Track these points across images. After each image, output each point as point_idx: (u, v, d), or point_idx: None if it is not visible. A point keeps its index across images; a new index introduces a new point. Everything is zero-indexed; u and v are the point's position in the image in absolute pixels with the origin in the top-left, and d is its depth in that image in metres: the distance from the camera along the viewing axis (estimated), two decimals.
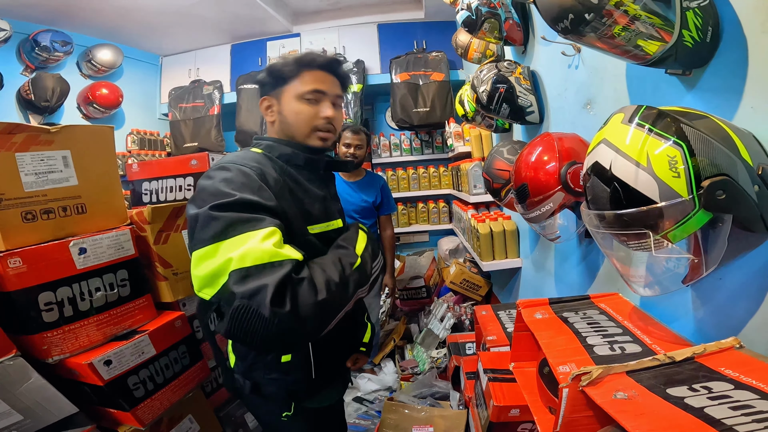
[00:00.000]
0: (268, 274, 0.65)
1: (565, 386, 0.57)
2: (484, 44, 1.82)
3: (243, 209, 0.71)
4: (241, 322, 0.65)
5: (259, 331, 0.65)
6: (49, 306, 0.94)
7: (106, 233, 1.05)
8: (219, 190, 0.73)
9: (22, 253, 0.90)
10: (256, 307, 0.63)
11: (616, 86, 0.94)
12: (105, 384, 0.97)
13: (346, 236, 0.90)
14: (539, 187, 1.00)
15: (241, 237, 0.68)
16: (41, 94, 2.53)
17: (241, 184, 0.74)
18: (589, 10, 0.62)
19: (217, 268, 0.66)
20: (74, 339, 0.98)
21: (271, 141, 0.93)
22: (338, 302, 0.73)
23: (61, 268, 0.96)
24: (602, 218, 0.65)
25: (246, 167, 0.78)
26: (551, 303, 0.95)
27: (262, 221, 0.71)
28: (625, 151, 0.61)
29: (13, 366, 0.86)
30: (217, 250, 0.67)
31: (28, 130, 0.92)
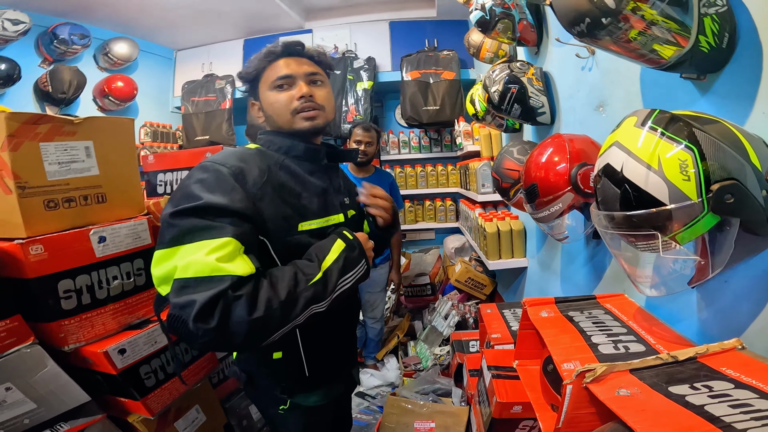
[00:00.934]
0: (202, 289, 0.66)
1: (569, 383, 0.58)
2: (496, 44, 1.83)
3: (205, 215, 0.71)
4: (173, 329, 0.69)
5: (187, 339, 0.69)
6: (67, 294, 0.96)
7: (125, 222, 1.07)
8: (190, 193, 0.74)
9: (44, 241, 0.91)
10: (185, 318, 0.65)
11: (629, 89, 0.95)
12: (118, 373, 0.99)
13: (320, 244, 0.85)
14: (549, 188, 1.01)
15: (196, 245, 0.69)
16: (58, 86, 2.58)
17: (214, 186, 0.75)
18: (606, 14, 0.63)
19: (166, 272, 0.70)
20: (90, 327, 1.00)
21: (270, 135, 0.93)
22: (278, 320, 0.71)
23: (81, 256, 0.98)
24: (612, 219, 0.66)
25: (225, 167, 0.78)
26: (557, 302, 0.96)
27: (221, 230, 0.71)
28: (636, 153, 0.62)
29: (30, 354, 0.87)
30: (173, 254, 0.70)
31: (52, 121, 0.94)
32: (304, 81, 0.90)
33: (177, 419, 1.16)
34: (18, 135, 0.89)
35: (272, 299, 0.70)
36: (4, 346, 0.84)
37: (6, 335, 0.84)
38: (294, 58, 0.92)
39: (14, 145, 0.89)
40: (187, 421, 1.18)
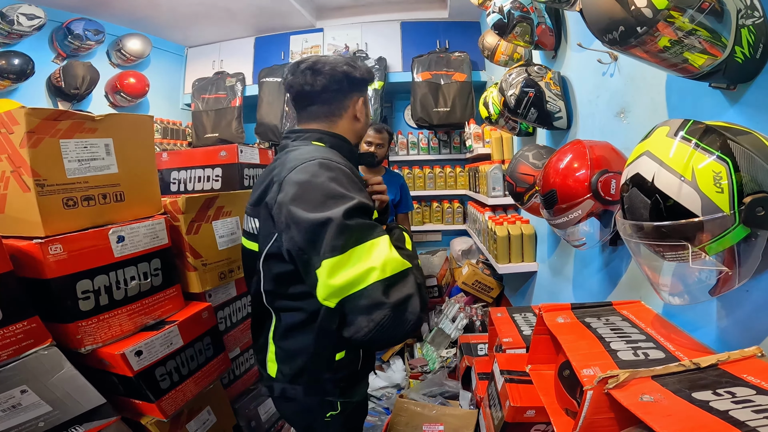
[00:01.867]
0: (407, 282, 0.73)
1: (590, 388, 0.59)
2: (511, 47, 1.82)
3: (364, 214, 0.74)
4: (387, 329, 0.71)
5: (399, 334, 0.73)
6: (86, 294, 0.94)
7: (143, 222, 1.06)
8: (336, 191, 0.74)
9: (63, 240, 0.90)
10: (404, 315, 0.71)
11: (654, 96, 0.94)
12: (134, 375, 0.98)
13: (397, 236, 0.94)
14: (568, 194, 1.00)
15: (369, 245, 0.71)
16: (71, 81, 2.58)
17: (348, 185, 0.77)
18: (642, 23, 0.62)
19: (356, 276, 0.70)
20: (107, 328, 0.99)
21: (339, 139, 0.97)
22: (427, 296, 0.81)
23: (99, 256, 0.97)
24: (640, 228, 0.66)
25: (343, 166, 0.81)
26: (573, 308, 0.96)
27: (377, 227, 0.75)
28: (669, 164, 0.62)
29: (47, 356, 0.86)
30: (351, 257, 0.70)
31: (73, 118, 0.93)
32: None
33: (189, 421, 1.15)
34: (38, 131, 0.88)
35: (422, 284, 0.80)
36: (22, 347, 0.83)
37: (23, 337, 0.83)
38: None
39: (34, 141, 0.88)
40: (198, 423, 1.17)
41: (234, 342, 1.36)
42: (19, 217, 0.92)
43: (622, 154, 1.03)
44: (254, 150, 1.50)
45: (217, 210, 1.24)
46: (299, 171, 0.79)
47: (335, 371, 0.93)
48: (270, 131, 3.18)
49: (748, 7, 0.64)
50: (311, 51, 3.38)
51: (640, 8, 0.61)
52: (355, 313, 0.71)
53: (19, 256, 0.88)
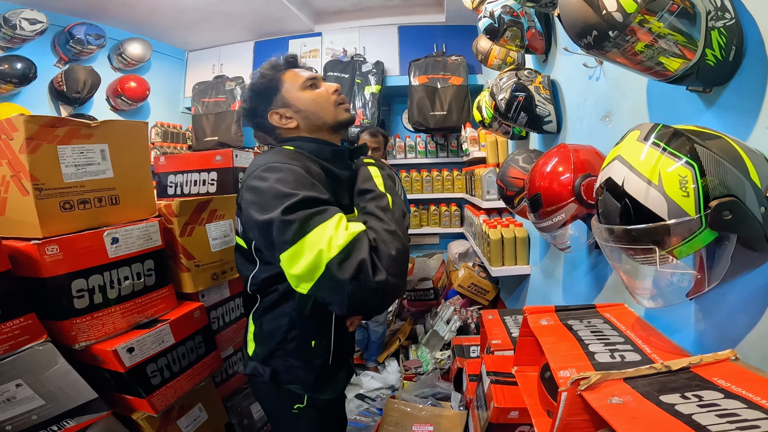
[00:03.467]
0: (358, 249, 0.72)
1: (565, 390, 0.60)
2: (504, 51, 1.84)
3: (309, 205, 0.76)
4: (358, 301, 0.73)
5: (375, 301, 0.75)
6: (80, 293, 0.98)
7: (137, 224, 1.09)
8: (280, 191, 0.77)
9: (59, 241, 0.94)
10: (366, 283, 0.71)
11: (636, 100, 0.96)
12: (126, 371, 1.01)
13: (363, 176, 0.93)
14: (552, 198, 1.02)
15: (319, 229, 0.74)
16: (73, 85, 2.62)
17: (295, 182, 0.79)
18: (614, 27, 0.63)
19: (311, 262, 0.72)
20: (101, 326, 1.02)
21: (298, 139, 0.98)
22: (403, 243, 0.80)
23: (94, 257, 1.00)
24: (612, 232, 0.67)
25: (293, 165, 0.83)
26: (557, 310, 0.97)
27: (327, 211, 0.77)
28: (637, 168, 0.63)
29: (42, 351, 0.89)
30: (303, 246, 0.73)
31: (70, 124, 0.96)
32: (324, 82, 1.01)
33: (180, 417, 1.17)
34: (36, 138, 0.92)
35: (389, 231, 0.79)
36: (18, 343, 0.86)
37: (20, 333, 0.86)
38: (297, 69, 1.03)
39: (32, 147, 0.92)
40: (189, 419, 1.20)
41: (227, 341, 1.39)
42: (18, 220, 0.95)
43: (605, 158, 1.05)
44: (249, 154, 1.52)
45: (211, 213, 1.27)
46: (253, 177, 0.83)
47: (305, 360, 0.96)
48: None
49: (719, 9, 0.65)
50: (310, 55, 3.42)
51: (611, 12, 0.63)
52: (325, 297, 0.76)
53: (18, 256, 0.91)
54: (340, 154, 1.00)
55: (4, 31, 2.37)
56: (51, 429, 0.91)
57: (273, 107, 0.99)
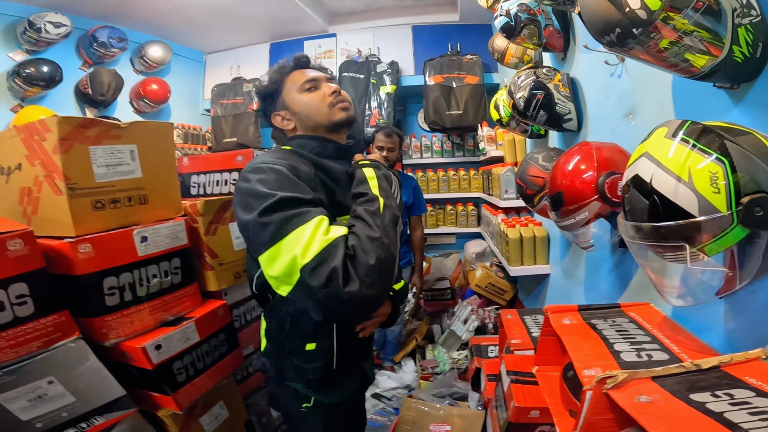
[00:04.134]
0: (332, 256, 0.70)
1: (590, 388, 0.60)
2: (521, 49, 1.83)
3: (287, 206, 0.75)
4: (330, 310, 0.72)
5: (346, 311, 0.72)
6: (111, 290, 1.00)
7: (164, 223, 1.11)
8: (259, 192, 0.77)
9: (92, 240, 0.96)
10: (335, 291, 0.69)
11: (661, 97, 0.95)
12: (153, 368, 1.02)
13: (357, 180, 0.90)
14: (575, 196, 1.01)
15: (296, 232, 0.72)
16: (98, 88, 2.68)
17: (276, 183, 0.78)
18: (637, 25, 0.63)
19: (287, 266, 0.71)
20: (130, 323, 1.04)
21: (301, 139, 0.99)
22: (389, 251, 0.76)
23: (124, 255, 1.02)
24: (639, 229, 0.66)
25: (277, 165, 0.82)
26: (580, 310, 0.96)
27: (308, 213, 0.74)
28: (666, 165, 0.62)
29: (74, 348, 0.91)
30: (280, 249, 0.72)
31: (101, 125, 0.99)
32: (326, 83, 1.01)
33: (202, 414, 1.18)
34: (69, 138, 0.95)
35: (372, 238, 0.75)
36: (51, 340, 0.88)
37: (53, 329, 0.89)
38: (306, 70, 1.03)
39: (65, 147, 0.94)
40: (211, 417, 1.21)
41: (248, 339, 1.41)
42: (51, 218, 0.98)
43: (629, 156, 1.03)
44: None
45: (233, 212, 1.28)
46: (240, 178, 0.85)
47: (307, 361, 0.96)
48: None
49: (744, 6, 0.64)
50: (325, 56, 3.44)
51: (635, 10, 0.63)
52: (301, 303, 0.75)
53: (51, 254, 0.94)
54: (343, 151, 1.00)
55: (30, 35, 2.41)
56: (80, 426, 0.92)
57: (276, 109, 1.03)
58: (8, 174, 1.07)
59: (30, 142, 0.98)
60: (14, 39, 2.48)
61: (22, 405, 0.83)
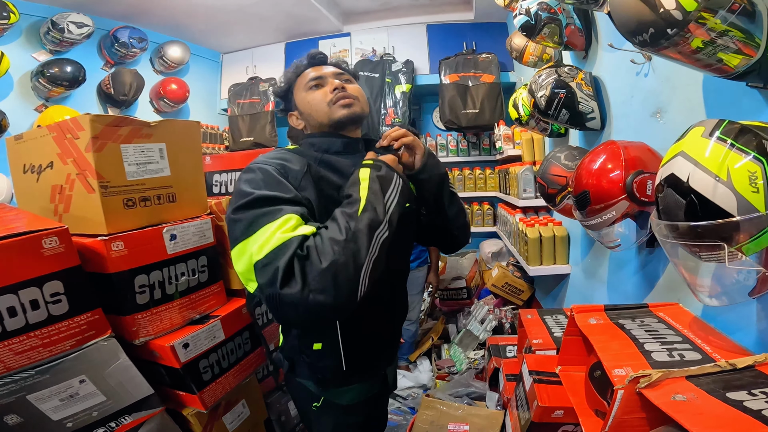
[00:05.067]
0: (279, 257, 0.67)
1: (621, 388, 0.61)
2: (540, 48, 1.81)
3: (261, 205, 0.75)
4: (275, 311, 0.70)
5: (290, 315, 0.69)
6: (142, 288, 1.00)
7: (192, 221, 1.12)
8: (241, 191, 0.78)
9: (124, 237, 0.97)
10: (276, 293, 0.66)
11: (690, 96, 0.93)
12: (181, 366, 1.02)
13: (350, 180, 0.85)
14: (602, 195, 1.00)
15: (262, 230, 0.71)
16: (120, 88, 2.73)
17: (261, 182, 0.78)
18: (672, 25, 0.63)
19: (247, 264, 0.71)
20: (159, 321, 1.04)
21: (310, 137, 1.00)
22: (352, 258, 0.70)
23: (155, 253, 1.03)
24: (675, 229, 0.66)
25: (267, 165, 0.82)
26: (606, 309, 0.96)
27: (279, 212, 0.73)
28: (704, 164, 0.62)
29: (106, 346, 0.91)
30: (246, 247, 0.72)
31: (132, 124, 1.00)
32: (332, 79, 1.00)
33: (225, 413, 1.19)
34: (101, 137, 0.95)
35: (335, 241, 0.70)
36: (85, 338, 0.88)
37: (87, 327, 0.89)
38: (319, 67, 1.03)
39: (98, 146, 0.95)
40: (233, 415, 1.21)
41: (270, 337, 1.41)
42: (83, 216, 0.99)
43: (658, 155, 1.02)
44: None
45: None
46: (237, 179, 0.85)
47: (316, 359, 0.96)
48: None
49: None
50: (339, 55, 3.46)
51: (669, 10, 0.62)
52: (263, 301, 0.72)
53: (84, 252, 0.94)
54: (353, 145, 0.98)
55: (53, 35, 2.46)
56: (109, 426, 0.93)
57: (291, 109, 1.05)
58: (39, 172, 1.07)
59: (62, 140, 0.99)
60: (38, 39, 2.53)
61: (53, 404, 0.84)
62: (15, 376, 0.79)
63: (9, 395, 0.78)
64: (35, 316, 0.82)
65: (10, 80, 2.43)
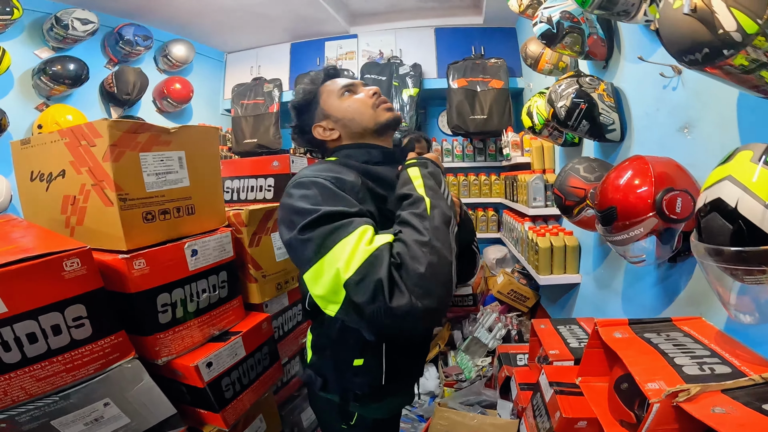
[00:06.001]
0: (375, 270, 0.63)
1: (657, 401, 0.64)
2: (556, 56, 1.80)
3: (329, 220, 0.70)
4: (381, 328, 0.65)
5: (399, 328, 0.65)
6: (164, 308, 0.96)
7: (212, 235, 1.07)
8: (301, 208, 0.73)
9: (146, 255, 0.91)
10: (382, 306, 0.62)
11: (723, 112, 0.92)
12: (205, 385, 0.98)
13: (400, 182, 0.82)
14: (629, 212, 0.99)
15: (338, 246, 0.67)
16: (123, 87, 2.68)
17: (320, 197, 0.74)
18: (730, 47, 0.62)
19: (331, 284, 0.66)
20: (181, 340, 1.00)
21: (346, 149, 0.95)
22: (443, 256, 0.68)
23: (176, 270, 0.98)
24: (719, 253, 0.66)
25: (320, 179, 0.77)
26: (631, 323, 0.98)
27: (351, 224, 0.69)
28: (753, 190, 0.62)
29: (130, 368, 0.86)
30: (322, 266, 0.67)
31: (151, 130, 0.93)
32: (362, 86, 0.98)
33: (244, 429, 1.16)
34: (120, 144, 0.88)
35: (421, 243, 0.67)
36: (108, 361, 0.84)
37: (110, 350, 0.84)
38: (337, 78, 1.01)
39: (117, 155, 0.88)
40: (251, 431, 1.18)
41: (285, 351, 1.38)
42: (98, 230, 0.92)
43: (686, 171, 1.01)
44: (303, 160, 1.54)
45: (275, 222, 1.24)
46: (284, 194, 0.80)
47: (354, 375, 0.93)
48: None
49: None
50: (346, 57, 3.43)
51: (729, 32, 0.61)
52: (350, 321, 0.68)
53: (104, 270, 0.88)
54: (391, 155, 0.95)
55: (56, 31, 2.39)
56: None
57: (316, 121, 0.99)
58: (49, 181, 1.00)
59: (76, 147, 0.92)
60: (40, 36, 2.47)
61: (78, 429, 0.81)
62: (38, 402, 0.75)
63: (32, 421, 0.75)
64: (57, 341, 0.77)
65: (10, 78, 2.38)
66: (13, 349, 0.72)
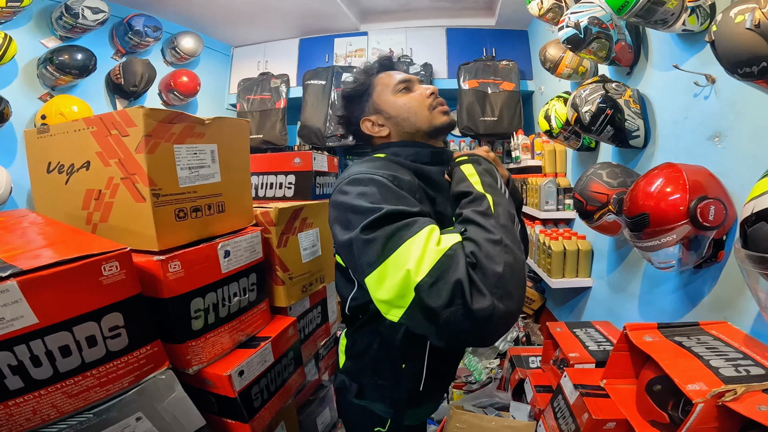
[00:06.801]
0: (451, 273, 0.59)
1: (702, 401, 0.70)
2: (577, 60, 1.81)
3: (393, 220, 0.66)
4: (456, 333, 0.60)
5: (478, 333, 0.60)
6: (197, 313, 0.88)
7: (243, 235, 1.00)
8: (360, 206, 0.69)
9: (180, 257, 0.84)
10: (461, 310, 0.57)
11: (758, 122, 0.93)
12: (237, 395, 0.91)
13: (456, 180, 0.79)
14: (662, 219, 1.00)
15: (405, 246, 0.62)
16: (131, 78, 2.62)
17: (379, 195, 0.70)
18: None
19: (399, 286, 0.61)
20: (211, 347, 0.92)
21: (393, 147, 0.91)
22: (516, 254, 0.64)
23: (210, 273, 0.91)
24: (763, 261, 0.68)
25: (378, 176, 0.73)
26: (660, 327, 1.01)
27: (415, 223, 0.65)
28: None
29: (163, 380, 0.79)
30: (387, 268, 0.63)
31: (186, 120, 0.87)
32: (419, 84, 0.95)
33: None
34: (155, 135, 0.81)
35: (493, 241, 0.63)
36: (143, 373, 0.77)
37: (145, 362, 0.77)
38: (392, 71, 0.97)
39: (151, 146, 0.81)
40: None
41: (306, 355, 1.33)
42: (127, 228, 0.85)
43: (718, 180, 1.03)
44: (324, 157, 1.52)
45: (302, 221, 1.20)
46: (337, 191, 0.76)
47: (394, 381, 0.90)
48: (313, 134, 3.22)
49: None
50: (356, 54, 3.42)
51: None
52: (418, 327, 0.64)
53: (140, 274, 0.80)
54: (440, 155, 0.91)
55: (66, 20, 2.33)
56: None
57: (365, 114, 0.95)
58: (70, 173, 0.92)
59: (104, 136, 0.84)
60: (47, 24, 2.41)
61: None
62: (71, 421, 0.68)
63: None
64: (92, 353, 0.70)
65: (15, 67, 2.32)
66: (44, 364, 0.64)
